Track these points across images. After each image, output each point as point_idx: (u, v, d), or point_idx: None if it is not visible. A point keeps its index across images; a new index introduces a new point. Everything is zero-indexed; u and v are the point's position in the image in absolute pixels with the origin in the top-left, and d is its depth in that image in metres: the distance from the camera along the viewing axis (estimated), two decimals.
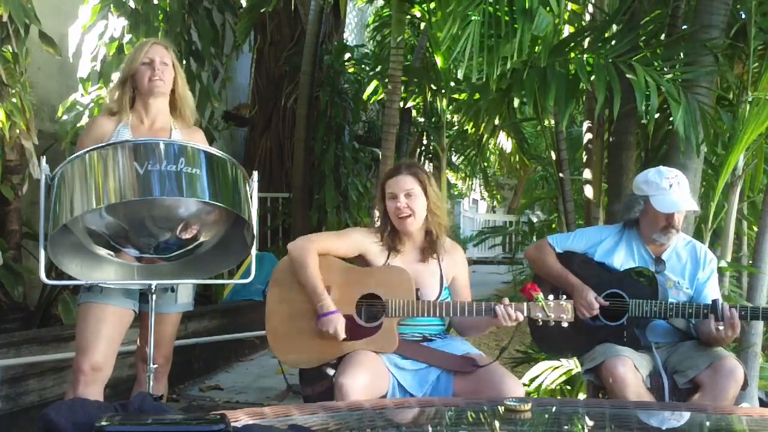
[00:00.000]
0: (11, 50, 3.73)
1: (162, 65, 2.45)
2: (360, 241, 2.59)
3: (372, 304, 2.47)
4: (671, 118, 3.28)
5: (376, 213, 2.68)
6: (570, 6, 4.19)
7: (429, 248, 2.59)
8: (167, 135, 2.48)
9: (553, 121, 4.36)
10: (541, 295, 2.38)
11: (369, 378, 2.28)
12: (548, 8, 3.25)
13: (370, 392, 2.26)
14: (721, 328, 2.51)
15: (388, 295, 2.44)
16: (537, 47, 3.42)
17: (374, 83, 5.74)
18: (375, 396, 2.30)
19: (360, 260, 2.61)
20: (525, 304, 2.40)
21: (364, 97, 6.01)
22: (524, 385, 3.52)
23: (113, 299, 2.38)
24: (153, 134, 2.46)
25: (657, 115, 3.46)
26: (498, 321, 2.39)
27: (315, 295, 2.43)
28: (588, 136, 4.30)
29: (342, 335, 2.40)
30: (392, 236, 2.58)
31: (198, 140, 2.47)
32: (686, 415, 1.93)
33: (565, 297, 2.43)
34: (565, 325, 2.40)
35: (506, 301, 2.40)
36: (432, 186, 2.59)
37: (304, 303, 2.48)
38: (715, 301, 2.56)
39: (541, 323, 2.43)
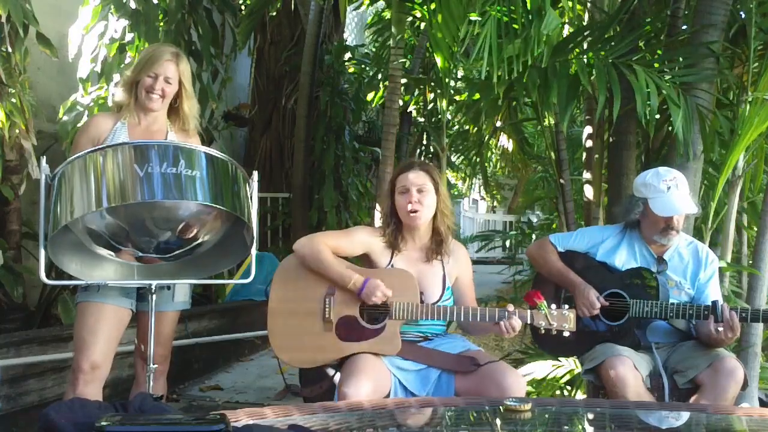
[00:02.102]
0: (8, 51, 3.73)
1: (164, 83, 2.45)
2: (365, 239, 2.60)
3: (376, 306, 2.47)
4: (671, 119, 3.28)
5: (377, 213, 2.68)
6: (571, 6, 4.19)
7: (435, 249, 2.59)
8: (163, 137, 2.49)
9: (553, 121, 4.36)
10: (544, 303, 2.40)
11: (372, 385, 2.28)
12: (559, 7, 3.26)
13: (374, 398, 2.25)
14: (720, 329, 2.51)
15: (393, 297, 2.43)
16: (542, 47, 3.42)
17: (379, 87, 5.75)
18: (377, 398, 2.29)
19: (364, 259, 2.62)
20: (528, 311, 2.41)
21: (375, 103, 5.99)
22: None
23: (110, 298, 2.39)
24: (149, 135, 2.47)
25: (657, 116, 3.46)
26: (500, 331, 2.41)
27: (342, 277, 2.45)
28: (588, 135, 4.30)
29: (389, 293, 2.41)
30: (396, 234, 2.58)
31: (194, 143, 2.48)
32: (686, 415, 1.93)
33: (567, 306, 2.44)
34: (566, 334, 2.42)
35: (510, 307, 2.40)
36: (443, 187, 2.62)
37: (307, 302, 2.49)
38: (714, 303, 2.56)
39: (543, 332, 2.44)
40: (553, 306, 2.43)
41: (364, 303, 2.46)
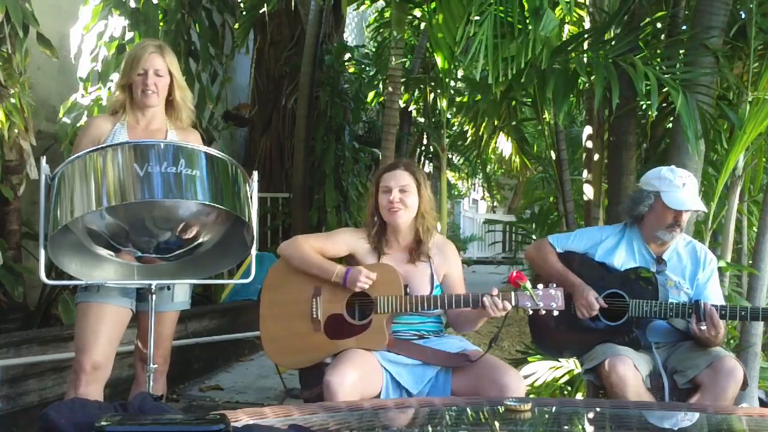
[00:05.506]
0: (7, 51, 3.73)
1: (155, 77, 2.44)
2: (349, 240, 2.62)
3: (362, 302, 2.49)
4: (671, 117, 3.27)
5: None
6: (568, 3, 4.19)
7: (416, 249, 2.60)
8: (163, 136, 2.50)
9: (553, 121, 4.36)
10: (528, 284, 2.35)
11: (358, 376, 2.28)
12: (558, 8, 3.25)
13: (360, 390, 2.26)
14: (703, 327, 2.52)
15: (377, 292, 2.45)
16: (540, 48, 3.42)
17: (378, 86, 5.75)
18: (366, 394, 2.29)
19: (350, 260, 2.63)
20: (512, 293, 2.38)
21: (372, 103, 5.98)
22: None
23: (111, 298, 2.39)
24: (149, 135, 2.48)
25: (656, 113, 3.45)
26: (487, 312, 2.38)
27: (324, 270, 2.48)
28: (588, 135, 4.30)
29: (374, 276, 2.42)
30: (379, 235, 2.59)
31: (193, 141, 2.48)
32: (686, 415, 1.93)
33: (554, 285, 2.40)
34: (555, 313, 2.38)
35: (495, 290, 2.38)
36: (426, 188, 2.61)
37: (296, 304, 2.52)
38: (697, 302, 2.57)
39: (531, 312, 2.42)
40: (540, 285, 2.39)
41: (351, 298, 2.48)
